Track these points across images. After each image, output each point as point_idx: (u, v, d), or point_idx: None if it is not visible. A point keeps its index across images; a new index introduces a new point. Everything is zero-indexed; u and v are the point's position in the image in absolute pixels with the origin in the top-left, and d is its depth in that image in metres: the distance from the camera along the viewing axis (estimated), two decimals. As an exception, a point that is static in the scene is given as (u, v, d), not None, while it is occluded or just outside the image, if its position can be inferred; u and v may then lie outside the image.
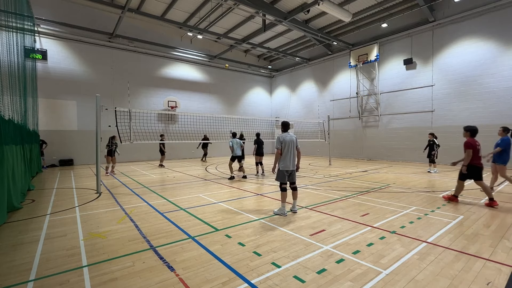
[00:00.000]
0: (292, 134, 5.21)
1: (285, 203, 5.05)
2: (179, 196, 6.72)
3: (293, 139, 5.12)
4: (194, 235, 3.96)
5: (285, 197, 5.06)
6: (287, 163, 5.00)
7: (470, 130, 5.61)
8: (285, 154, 5.01)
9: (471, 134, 5.58)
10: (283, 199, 5.06)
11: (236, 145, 9.57)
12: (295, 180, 5.23)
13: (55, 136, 14.44)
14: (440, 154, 13.68)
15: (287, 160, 5.00)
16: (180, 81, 19.40)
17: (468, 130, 5.62)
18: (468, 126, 5.71)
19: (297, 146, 5.17)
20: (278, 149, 5.02)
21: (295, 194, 5.27)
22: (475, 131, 5.57)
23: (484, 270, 2.87)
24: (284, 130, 5.26)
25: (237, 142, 9.63)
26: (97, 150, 7.15)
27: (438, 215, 4.91)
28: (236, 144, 9.56)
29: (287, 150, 5.03)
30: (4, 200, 4.71)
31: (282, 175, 5.04)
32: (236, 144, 9.57)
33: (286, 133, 5.19)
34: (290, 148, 5.05)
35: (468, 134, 5.61)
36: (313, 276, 2.77)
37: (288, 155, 5.01)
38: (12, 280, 2.76)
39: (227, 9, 15.14)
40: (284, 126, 5.29)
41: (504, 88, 11.72)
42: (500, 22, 11.80)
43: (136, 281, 2.69)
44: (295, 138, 5.19)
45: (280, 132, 5.37)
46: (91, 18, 15.37)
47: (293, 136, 5.16)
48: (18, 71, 7.42)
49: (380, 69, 16.41)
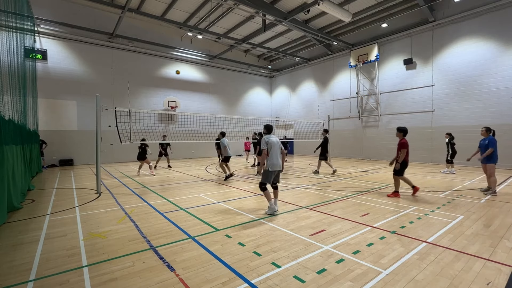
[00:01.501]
0: (276, 137, 5.29)
1: (272, 200, 5.13)
2: (179, 196, 6.71)
3: (278, 140, 5.22)
4: (194, 235, 3.96)
5: (269, 195, 5.14)
6: (275, 163, 5.08)
7: (403, 131, 6.12)
8: (272, 155, 5.09)
9: (403, 134, 6.10)
10: (268, 197, 5.12)
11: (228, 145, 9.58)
12: (279, 180, 5.35)
13: (55, 136, 14.45)
14: (440, 154, 13.73)
15: (274, 160, 5.08)
16: (180, 81, 19.41)
17: (402, 131, 6.13)
18: (401, 127, 6.20)
19: (281, 147, 5.26)
20: (265, 150, 5.07)
21: (276, 193, 5.37)
22: (407, 132, 6.17)
23: (484, 270, 2.87)
24: (268, 132, 5.33)
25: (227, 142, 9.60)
26: (97, 150, 7.15)
27: (438, 215, 4.90)
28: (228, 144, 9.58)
29: (274, 151, 5.11)
30: (4, 200, 4.71)
31: (269, 175, 5.11)
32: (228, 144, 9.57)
33: (270, 135, 5.26)
34: (276, 149, 5.14)
35: (401, 134, 6.12)
36: (313, 276, 2.77)
37: (274, 155, 5.10)
38: (12, 280, 2.76)
39: (227, 9, 15.15)
40: (267, 129, 5.36)
41: (504, 88, 11.72)
42: (500, 22, 11.81)
43: (136, 281, 2.69)
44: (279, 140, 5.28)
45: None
46: (91, 18, 15.37)
47: (277, 138, 5.25)
48: (18, 71, 7.41)
49: (380, 69, 16.42)
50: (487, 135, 6.66)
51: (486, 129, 6.70)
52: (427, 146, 14.27)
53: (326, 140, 10.68)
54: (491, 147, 6.42)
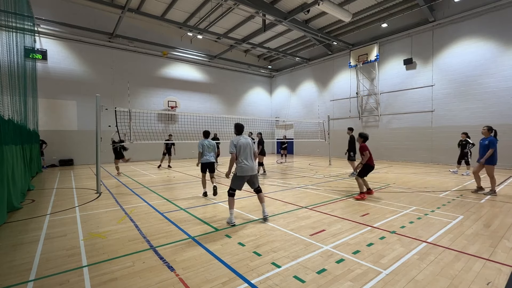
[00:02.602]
0: (247, 137, 4.74)
1: (233, 209, 4.55)
2: (179, 196, 6.71)
3: (248, 141, 4.65)
4: (194, 235, 3.96)
5: (232, 203, 4.55)
6: (244, 167, 4.53)
7: (363, 137, 6.53)
8: (241, 159, 4.55)
9: (363, 140, 6.51)
10: (231, 205, 4.54)
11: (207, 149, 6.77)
12: (258, 184, 4.74)
13: (55, 136, 14.44)
14: (440, 154, 13.74)
15: (243, 164, 4.53)
16: (180, 81, 19.41)
17: (362, 137, 6.55)
18: (362, 133, 6.60)
19: (253, 149, 4.71)
20: (233, 153, 4.53)
21: (261, 196, 4.74)
22: (367, 138, 6.56)
23: (484, 270, 2.87)
24: (238, 133, 4.74)
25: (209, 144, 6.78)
26: (97, 150, 7.15)
27: (438, 215, 4.91)
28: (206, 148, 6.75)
29: (244, 154, 4.56)
30: (4, 200, 4.71)
31: (238, 181, 4.58)
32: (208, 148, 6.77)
33: (240, 136, 4.70)
34: (247, 151, 4.58)
35: (361, 140, 6.53)
36: (313, 276, 2.77)
37: (244, 159, 4.54)
38: (12, 280, 2.76)
39: (227, 9, 15.14)
40: (237, 129, 4.75)
41: (504, 88, 11.72)
42: (500, 22, 11.80)
43: (136, 281, 2.69)
44: (250, 141, 4.71)
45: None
46: (91, 18, 15.37)
47: (248, 138, 4.71)
48: (18, 71, 7.41)
49: (380, 69, 16.41)
50: (488, 134, 6.44)
51: (488, 129, 6.47)
52: (427, 146, 14.27)
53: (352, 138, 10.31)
54: (491, 147, 6.25)
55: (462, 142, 10.34)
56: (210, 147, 6.80)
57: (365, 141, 6.54)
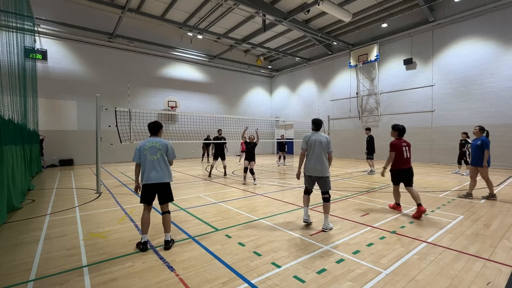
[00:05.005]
0: (322, 134, 4.35)
1: (306, 208, 4.37)
2: (179, 196, 6.71)
3: (321, 139, 4.23)
4: (194, 235, 3.96)
5: (304, 200, 4.42)
6: (307, 167, 4.27)
7: (397, 129, 5.12)
8: (309, 157, 4.26)
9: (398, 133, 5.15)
10: (303, 203, 4.44)
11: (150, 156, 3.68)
12: (324, 189, 4.25)
13: (55, 136, 14.44)
14: (440, 154, 13.74)
15: (308, 164, 4.28)
16: (180, 81, 19.41)
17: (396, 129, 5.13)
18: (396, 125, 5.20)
19: (328, 148, 4.29)
20: (302, 150, 4.30)
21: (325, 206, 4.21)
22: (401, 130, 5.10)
23: (484, 270, 2.87)
24: (315, 129, 4.36)
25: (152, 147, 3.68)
26: (97, 150, 7.15)
27: (438, 215, 4.90)
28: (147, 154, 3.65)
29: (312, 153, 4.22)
30: (4, 200, 4.71)
31: (307, 179, 4.36)
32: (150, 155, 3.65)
33: (316, 132, 4.33)
34: (315, 150, 4.21)
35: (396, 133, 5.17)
36: (313, 276, 2.77)
37: (311, 158, 4.24)
38: (12, 280, 2.75)
39: (227, 9, 15.14)
40: (314, 124, 4.38)
41: (504, 88, 11.72)
42: (500, 22, 11.80)
43: (136, 281, 2.69)
44: (324, 139, 4.26)
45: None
46: (91, 18, 15.36)
47: (322, 136, 4.29)
48: (18, 71, 7.41)
49: (380, 69, 16.41)
50: (480, 134, 6.20)
51: (480, 128, 6.24)
52: (427, 146, 14.27)
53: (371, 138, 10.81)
54: (486, 149, 5.98)
55: (462, 142, 10.34)
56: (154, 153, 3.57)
57: (401, 135, 5.11)
